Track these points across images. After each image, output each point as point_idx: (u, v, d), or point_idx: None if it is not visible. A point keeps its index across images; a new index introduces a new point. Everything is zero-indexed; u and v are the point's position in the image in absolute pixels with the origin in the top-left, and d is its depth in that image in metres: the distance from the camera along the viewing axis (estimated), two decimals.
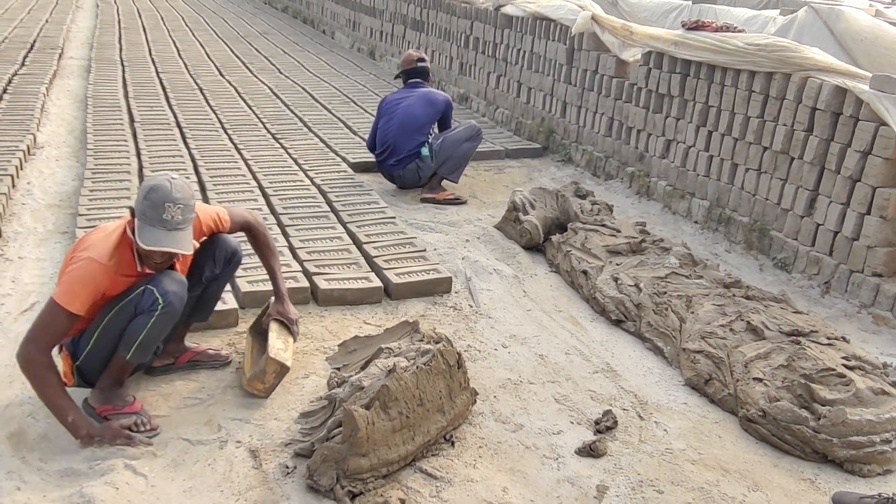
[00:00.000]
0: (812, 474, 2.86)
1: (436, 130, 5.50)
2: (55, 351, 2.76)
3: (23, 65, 8.36)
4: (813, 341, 3.36)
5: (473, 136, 5.40)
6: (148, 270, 2.79)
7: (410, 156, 5.32)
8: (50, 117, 6.71)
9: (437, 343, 3.05)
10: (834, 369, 3.12)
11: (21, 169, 5.26)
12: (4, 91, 7.04)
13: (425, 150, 5.30)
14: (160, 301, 2.72)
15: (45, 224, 4.51)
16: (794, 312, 3.67)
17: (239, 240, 3.18)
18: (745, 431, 3.08)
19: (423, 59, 5.61)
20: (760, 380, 3.15)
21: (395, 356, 2.96)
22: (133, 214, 2.71)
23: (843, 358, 3.23)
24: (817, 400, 2.99)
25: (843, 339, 3.46)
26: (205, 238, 3.01)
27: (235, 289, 3.75)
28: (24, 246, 4.19)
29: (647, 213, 5.47)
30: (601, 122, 6.19)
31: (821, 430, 2.90)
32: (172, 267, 2.88)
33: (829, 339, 3.40)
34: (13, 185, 4.92)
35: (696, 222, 5.22)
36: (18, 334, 3.31)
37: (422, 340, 3.10)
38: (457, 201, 5.36)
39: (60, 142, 6.10)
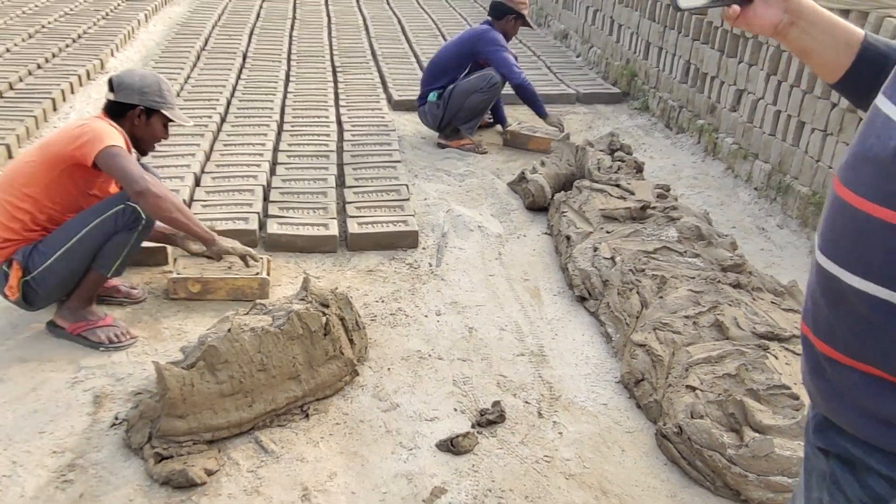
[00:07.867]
0: None
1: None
2: (4, 265, 2.80)
3: None
4: (788, 349, 2.71)
5: (485, 87, 4.70)
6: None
7: (423, 98, 4.92)
8: (135, 43, 6.96)
9: (323, 305, 2.78)
10: (790, 388, 2.49)
11: (72, 93, 5.47)
12: (104, 17, 7.39)
13: (433, 96, 4.83)
14: (143, 217, 2.82)
15: None
16: (788, 310, 2.98)
17: None
18: (659, 448, 2.55)
19: None
20: (694, 389, 2.58)
21: (264, 313, 2.73)
22: (121, 109, 2.86)
23: None
24: (751, 423, 2.40)
25: None
26: None
27: None
28: None
29: (706, 175, 4.74)
30: (678, 65, 5.41)
31: (737, 461, 2.32)
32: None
33: None
34: (54, 109, 5.12)
35: (755, 189, 4.44)
36: None
37: (305, 299, 2.83)
38: (475, 150, 4.90)
39: (129, 67, 6.30)
